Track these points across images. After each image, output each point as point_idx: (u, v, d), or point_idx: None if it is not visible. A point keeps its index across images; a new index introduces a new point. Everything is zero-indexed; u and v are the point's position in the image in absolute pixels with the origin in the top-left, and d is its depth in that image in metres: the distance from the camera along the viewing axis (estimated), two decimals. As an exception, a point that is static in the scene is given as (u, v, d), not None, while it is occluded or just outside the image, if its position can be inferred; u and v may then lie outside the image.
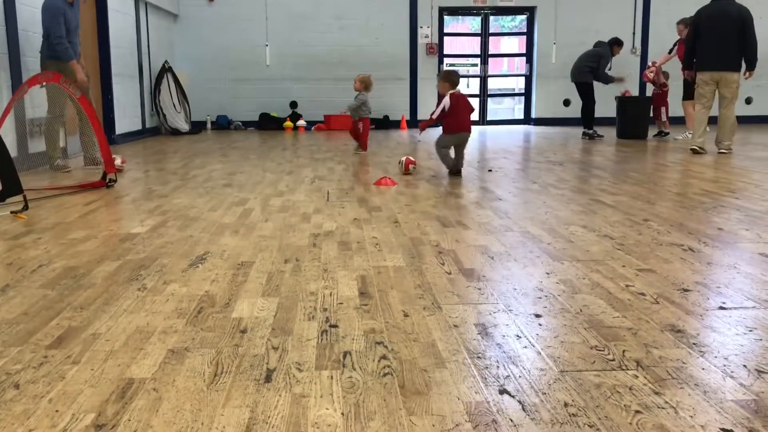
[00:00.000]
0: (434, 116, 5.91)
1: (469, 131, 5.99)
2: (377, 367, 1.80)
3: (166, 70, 11.69)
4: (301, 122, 13.12)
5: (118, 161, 5.97)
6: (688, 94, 9.10)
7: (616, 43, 10.29)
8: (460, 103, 5.90)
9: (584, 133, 10.18)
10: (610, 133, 10.37)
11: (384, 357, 1.87)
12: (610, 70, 10.45)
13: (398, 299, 2.39)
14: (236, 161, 7.25)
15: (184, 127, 11.98)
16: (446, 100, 5.80)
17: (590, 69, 10.06)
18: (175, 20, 12.97)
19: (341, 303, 2.34)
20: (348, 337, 2.03)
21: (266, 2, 13.24)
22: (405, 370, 1.78)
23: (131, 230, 3.63)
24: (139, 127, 10.90)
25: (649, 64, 10.55)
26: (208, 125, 13.30)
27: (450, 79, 6.02)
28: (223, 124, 13.39)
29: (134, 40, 10.57)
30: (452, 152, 5.99)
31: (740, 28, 7.38)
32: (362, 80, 7.98)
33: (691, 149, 7.67)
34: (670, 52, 10.19)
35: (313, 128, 13.18)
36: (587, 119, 10.16)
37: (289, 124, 13.10)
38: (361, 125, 8.00)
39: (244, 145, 9.44)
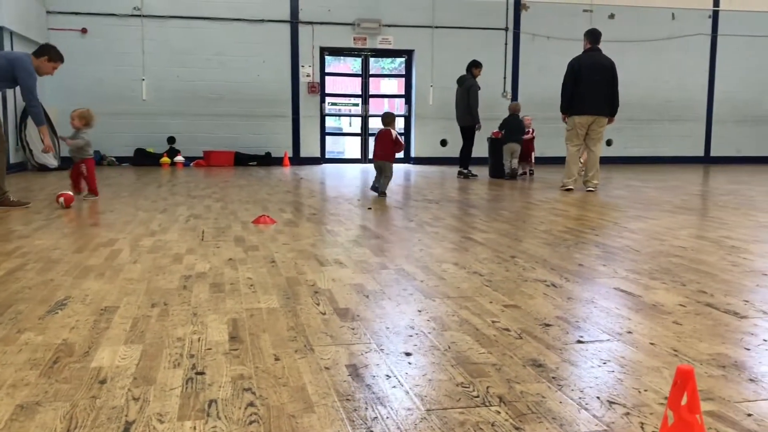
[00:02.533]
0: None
1: (381, 159, 7.68)
2: (243, 416, 1.75)
3: (32, 102, 11.07)
4: (179, 158, 12.81)
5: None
6: None
7: (474, 66, 10.74)
8: (378, 137, 7.79)
9: (460, 172, 10.60)
10: (483, 172, 10.83)
11: (251, 404, 1.83)
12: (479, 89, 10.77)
13: (270, 343, 2.35)
14: (107, 199, 6.94)
15: (53, 163, 11.37)
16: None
17: (470, 110, 10.45)
18: (43, 51, 12.37)
19: (210, 348, 2.28)
20: (215, 384, 1.97)
21: (143, 36, 12.92)
22: (272, 416, 1.75)
23: (-16, 274, 3.38)
24: (0, 162, 10.23)
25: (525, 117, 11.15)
26: (79, 161, 12.70)
27: (383, 119, 8.00)
28: (95, 160, 12.81)
29: (-4, 70, 9.97)
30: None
31: (611, 79, 8.23)
32: (81, 116, 6.86)
33: (564, 188, 8.26)
34: None
35: (191, 164, 12.89)
36: (464, 159, 10.58)
37: (166, 160, 12.75)
38: (85, 167, 6.87)
39: (117, 182, 9.07)
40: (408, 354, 2.25)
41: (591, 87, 8.18)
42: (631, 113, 13.95)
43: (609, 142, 14.29)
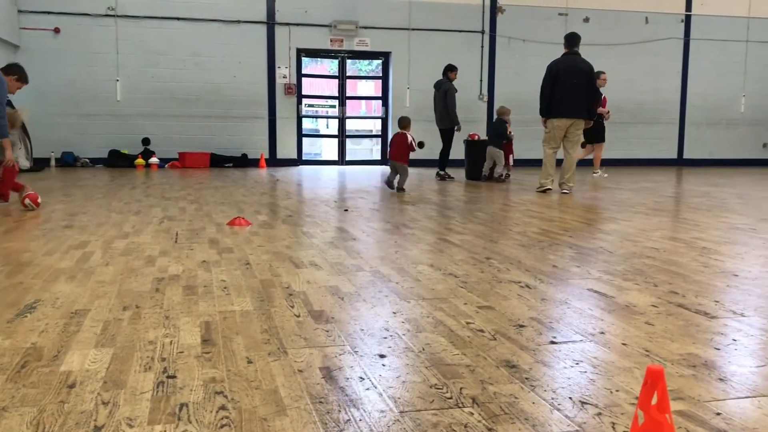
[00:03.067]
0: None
1: (396, 161, 8.50)
2: (215, 419, 1.74)
3: (3, 102, 10.91)
4: (154, 159, 12.69)
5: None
6: (599, 136, 11.00)
7: (449, 70, 10.89)
8: (394, 139, 8.66)
9: (438, 174, 10.65)
10: (460, 174, 10.87)
11: (223, 407, 1.81)
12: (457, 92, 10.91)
13: (243, 345, 2.33)
14: (80, 201, 6.86)
15: (25, 164, 11.12)
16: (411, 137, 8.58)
17: (448, 112, 10.55)
18: (15, 51, 12.20)
19: (182, 352, 2.25)
20: (186, 388, 1.95)
21: (117, 36, 12.79)
22: (244, 420, 1.74)
23: (-49, 278, 3.32)
24: (-30, 163, 10.06)
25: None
26: (52, 162, 12.54)
27: (399, 123, 8.82)
28: (68, 161, 12.67)
29: (-34, 70, 9.81)
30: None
31: (588, 82, 8.30)
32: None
33: (540, 189, 8.32)
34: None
35: (166, 166, 12.78)
36: (443, 161, 10.64)
37: (140, 161, 12.63)
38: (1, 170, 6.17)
39: (91, 183, 8.96)
40: (382, 356, 2.25)
41: (569, 90, 8.24)
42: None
43: (583, 145, 14.40)
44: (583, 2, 14.66)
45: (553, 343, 2.40)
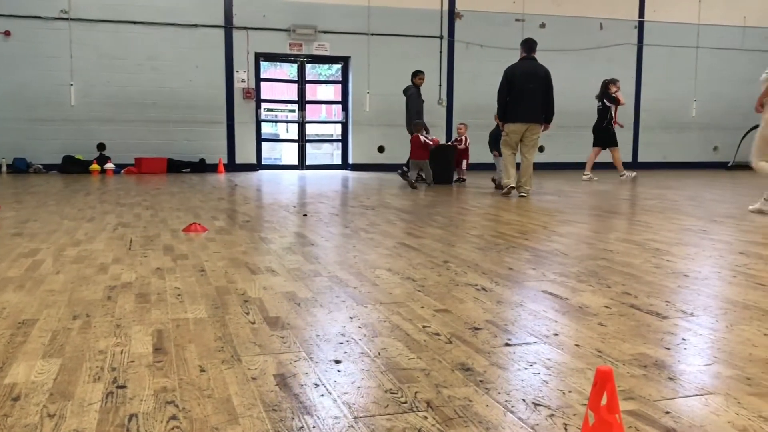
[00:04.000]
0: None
1: (418, 159, 10.23)
2: (165, 429, 1.70)
3: (-50, 107, 10.62)
4: (110, 165, 12.47)
5: None
6: (612, 141, 11.59)
7: (414, 75, 11.08)
8: (412, 142, 10.24)
9: (401, 170, 10.91)
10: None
11: (174, 417, 1.78)
12: (421, 100, 11.09)
13: (196, 354, 2.30)
14: (31, 208, 6.69)
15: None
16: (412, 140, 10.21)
17: (416, 118, 10.82)
18: (-38, 54, 11.87)
19: (132, 361, 2.21)
20: (136, 398, 1.91)
21: (71, 39, 12.55)
22: (195, 429, 1.71)
23: None
24: None
25: (459, 126, 11.29)
26: (4, 168, 12.23)
27: (416, 128, 10.33)
28: (21, 168, 12.37)
29: None
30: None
31: (545, 87, 8.32)
32: None
33: (504, 191, 8.44)
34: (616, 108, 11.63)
35: (122, 171, 12.56)
36: (408, 163, 10.85)
37: (95, 167, 12.39)
38: None
39: (43, 190, 8.76)
40: (338, 362, 2.24)
41: (525, 95, 8.28)
42: (561, 121, 14.22)
43: (541, 149, 14.60)
44: (539, 8, 14.89)
45: (507, 345, 2.42)
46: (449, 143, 10.87)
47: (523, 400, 1.93)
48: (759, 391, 1.99)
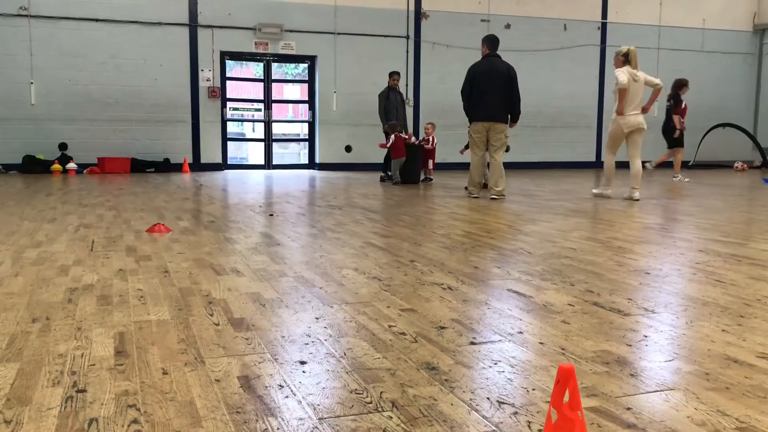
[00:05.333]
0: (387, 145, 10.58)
1: (401, 157, 10.43)
2: (126, 433, 1.68)
3: None
4: (72, 165, 12.24)
5: None
6: (679, 142, 11.47)
7: (390, 77, 11.31)
8: (397, 141, 10.43)
9: (384, 176, 11.21)
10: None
11: (135, 421, 1.75)
12: (404, 107, 11.33)
13: (158, 356, 2.26)
14: (-11, 209, 6.53)
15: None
16: (392, 138, 10.48)
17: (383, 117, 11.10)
18: None
19: (93, 364, 2.17)
20: (97, 402, 1.87)
21: (30, 37, 12.28)
22: (157, 433, 1.68)
23: None
24: None
25: (427, 125, 11.34)
26: (-40, 168, 11.92)
27: (391, 128, 10.62)
28: (-23, 167, 12.06)
29: None
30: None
31: (508, 84, 8.09)
32: None
33: (470, 196, 8.37)
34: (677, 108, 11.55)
35: (85, 171, 12.34)
36: (386, 164, 11.23)
37: (57, 167, 12.15)
38: None
39: (2, 190, 8.56)
40: (303, 362, 2.22)
41: (486, 93, 8.09)
42: (526, 121, 14.35)
43: (507, 149, 14.72)
44: (504, 9, 15.00)
45: (472, 344, 2.44)
46: (417, 142, 10.89)
47: (488, 398, 1.94)
48: (717, 386, 2.03)
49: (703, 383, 2.05)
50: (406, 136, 10.55)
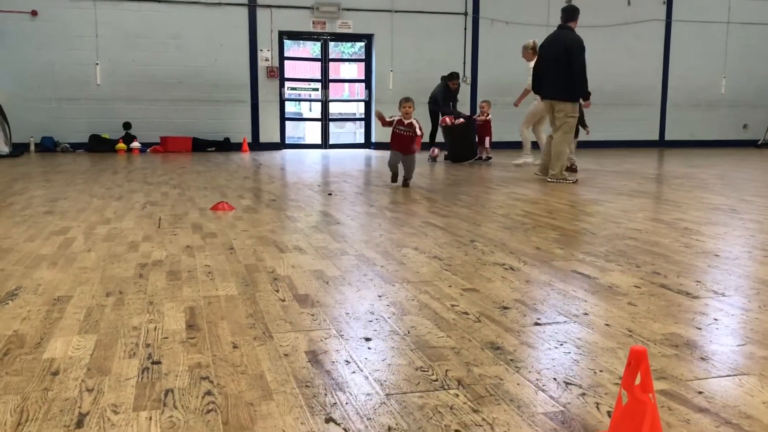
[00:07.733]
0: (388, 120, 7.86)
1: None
2: (201, 404, 1.73)
3: (-21, 87, 10.74)
4: (136, 144, 12.57)
5: None
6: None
7: (448, 79, 11.17)
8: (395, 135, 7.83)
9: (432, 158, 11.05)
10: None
11: (209, 393, 1.81)
12: (455, 101, 11.28)
13: (228, 330, 2.33)
14: (60, 186, 6.78)
15: (4, 149, 11.07)
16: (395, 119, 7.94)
17: (433, 101, 11.09)
18: (-9, 34, 11.98)
19: (166, 337, 2.24)
20: (171, 373, 1.94)
21: (96, 19, 12.59)
22: (230, 405, 1.73)
23: (-70, 265, 3.27)
24: (-53, 149, 9.91)
25: (482, 103, 11.18)
26: (32, 147, 12.37)
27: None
28: (48, 146, 12.51)
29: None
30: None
31: (566, 59, 7.31)
32: None
33: (537, 173, 8.10)
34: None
35: (148, 150, 12.66)
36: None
37: (122, 146, 12.49)
38: None
39: (71, 169, 8.86)
40: (368, 339, 2.25)
41: (545, 70, 7.63)
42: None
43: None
44: (565, -16, 14.62)
45: (537, 324, 2.42)
46: (461, 122, 10.69)
47: (554, 379, 1.93)
48: (793, 372, 1.97)
49: (778, 369, 1.99)
50: (451, 121, 10.40)
